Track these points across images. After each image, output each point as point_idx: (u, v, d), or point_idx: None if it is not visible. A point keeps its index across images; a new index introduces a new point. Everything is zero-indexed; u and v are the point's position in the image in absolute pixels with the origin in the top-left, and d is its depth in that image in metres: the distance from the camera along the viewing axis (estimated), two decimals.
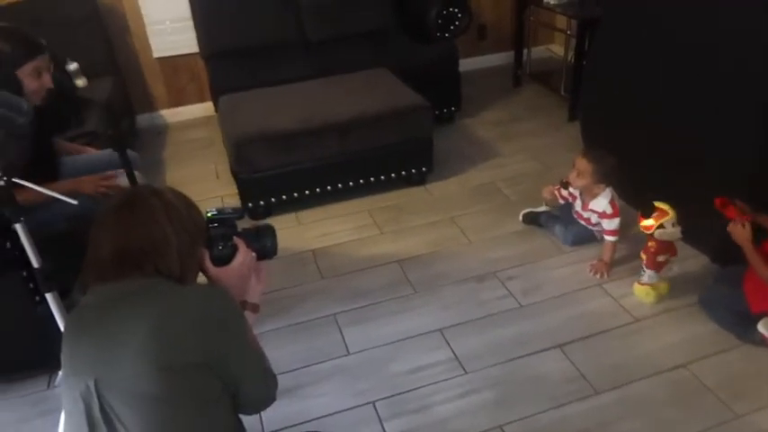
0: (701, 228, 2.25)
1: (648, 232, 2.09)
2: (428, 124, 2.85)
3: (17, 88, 1.80)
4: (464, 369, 1.96)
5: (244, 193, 2.76)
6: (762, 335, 1.94)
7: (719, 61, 2.15)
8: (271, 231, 1.40)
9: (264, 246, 1.38)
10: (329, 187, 2.82)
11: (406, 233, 2.65)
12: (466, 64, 3.91)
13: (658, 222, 2.06)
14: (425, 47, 3.43)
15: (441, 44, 3.44)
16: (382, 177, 2.89)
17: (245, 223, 1.38)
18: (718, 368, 1.91)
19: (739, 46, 2.05)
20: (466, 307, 2.21)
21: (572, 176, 2.37)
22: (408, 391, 1.90)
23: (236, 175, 2.75)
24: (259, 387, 1.22)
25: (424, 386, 1.91)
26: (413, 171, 2.94)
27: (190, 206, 1.22)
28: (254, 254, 1.36)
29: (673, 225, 2.05)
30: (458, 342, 2.06)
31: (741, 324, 1.99)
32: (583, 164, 2.32)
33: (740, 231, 1.91)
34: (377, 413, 1.84)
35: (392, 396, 1.89)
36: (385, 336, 2.11)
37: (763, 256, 1.88)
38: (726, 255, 2.20)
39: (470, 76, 4.00)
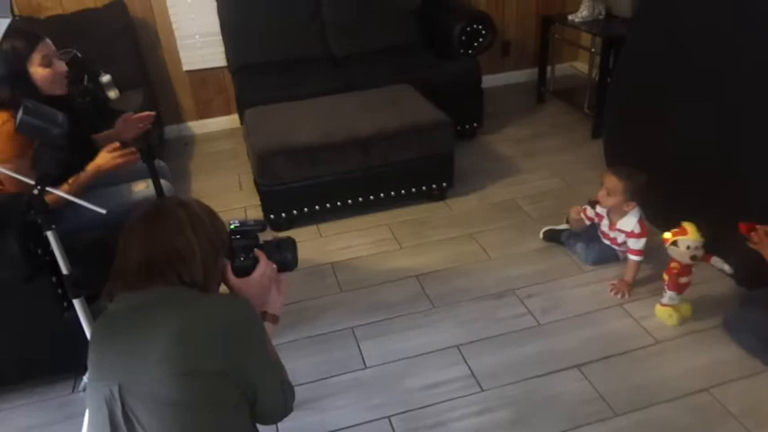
0: (727, 249, 2.22)
1: (666, 245, 2.07)
2: (449, 140, 2.86)
3: (32, 86, 1.86)
4: (481, 387, 1.95)
5: (266, 205, 2.80)
6: None
7: (745, 81, 2.14)
8: (291, 244, 1.42)
9: (285, 258, 1.41)
10: (350, 201, 2.84)
11: (425, 248, 2.65)
12: (489, 80, 3.93)
13: (673, 238, 2.04)
14: (449, 63, 3.44)
15: (464, 60, 3.46)
16: (403, 192, 2.90)
17: (267, 235, 1.41)
18: (742, 394, 1.87)
19: (765, 65, 2.04)
20: (484, 324, 2.21)
21: (601, 195, 2.34)
22: (424, 407, 1.89)
23: (259, 186, 2.79)
24: (277, 397, 1.24)
25: (440, 402, 1.91)
26: (433, 186, 2.95)
27: (214, 218, 1.26)
28: (274, 266, 1.39)
29: (687, 247, 2.02)
30: (475, 359, 2.06)
31: (767, 350, 1.96)
32: (613, 181, 2.30)
33: (767, 245, 1.88)
34: (392, 428, 1.84)
35: (408, 411, 1.89)
36: (402, 350, 2.11)
37: None
38: (752, 278, 2.17)
39: (493, 92, 4.01)
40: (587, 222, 2.50)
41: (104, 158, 1.98)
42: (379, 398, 1.94)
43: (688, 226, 2.05)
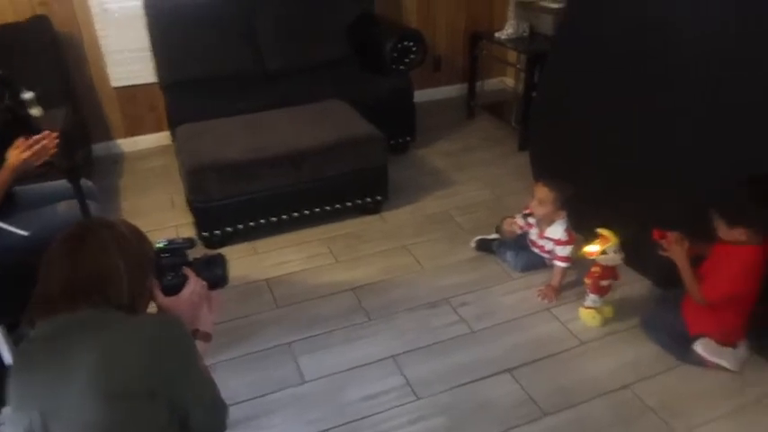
0: (644, 253, 2.36)
1: (592, 258, 2.18)
2: (382, 154, 2.91)
3: None
4: (416, 395, 1.99)
5: (199, 223, 2.76)
6: (699, 355, 2.04)
7: (662, 94, 2.30)
8: (221, 261, 1.42)
9: (215, 275, 1.41)
10: (285, 216, 2.84)
11: (361, 261, 2.68)
12: (421, 95, 4.02)
13: (602, 248, 2.15)
14: (381, 78, 3.50)
15: (396, 76, 3.53)
16: (338, 206, 2.92)
17: (200, 252, 1.41)
18: (659, 388, 1.99)
19: (685, 79, 2.19)
20: (419, 333, 2.25)
21: (533, 205, 2.44)
22: (361, 419, 1.91)
23: (191, 204, 2.75)
24: (209, 416, 1.23)
25: (377, 413, 1.93)
26: (368, 200, 2.98)
27: (140, 237, 1.25)
28: (204, 283, 1.39)
29: (615, 251, 2.14)
30: (410, 368, 2.09)
31: (680, 346, 2.08)
32: (544, 192, 2.39)
33: (678, 251, 2.01)
34: None
35: (345, 424, 1.90)
36: (339, 364, 2.12)
37: (696, 278, 1.99)
38: (667, 279, 2.31)
39: (425, 107, 4.11)
40: (518, 231, 2.60)
41: (11, 156, 1.90)
42: (317, 412, 1.95)
43: (606, 233, 2.16)
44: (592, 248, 2.17)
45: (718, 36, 2.03)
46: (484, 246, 2.71)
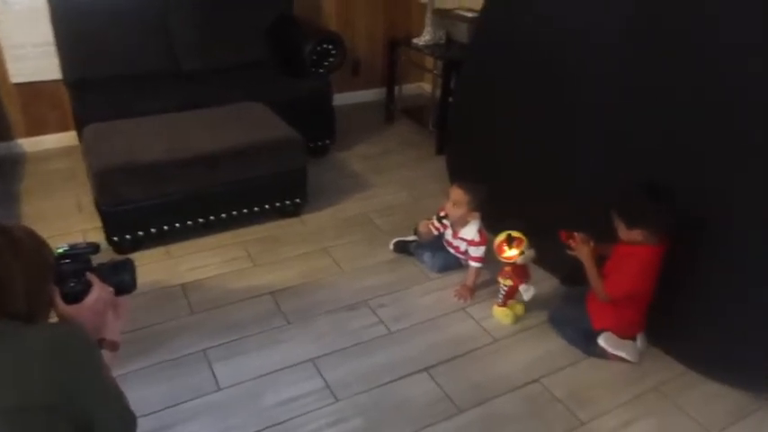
0: (553, 253, 2.47)
1: (511, 261, 2.25)
2: (301, 157, 2.90)
3: None
4: (335, 397, 1.99)
5: (109, 227, 2.63)
6: (602, 348, 2.16)
7: (568, 101, 2.42)
8: (129, 265, 1.37)
9: (122, 280, 1.35)
10: (201, 220, 2.77)
11: (279, 265, 2.65)
12: (340, 98, 4.02)
13: (520, 250, 2.24)
14: (300, 81, 3.48)
15: (315, 79, 3.52)
16: (256, 209, 2.88)
17: (110, 258, 1.34)
18: (566, 381, 2.09)
19: (589, 88, 2.31)
20: (338, 336, 2.25)
21: (448, 206, 2.49)
22: (279, 424, 1.89)
23: (100, 208, 2.62)
24: (116, 428, 1.18)
25: (297, 417, 1.91)
26: (287, 202, 2.96)
27: (39, 243, 1.18)
28: (111, 289, 1.33)
29: (527, 249, 2.24)
30: (329, 371, 2.09)
31: (585, 339, 2.20)
32: (459, 194, 2.45)
33: (585, 251, 2.12)
34: None
35: (263, 429, 1.87)
36: (257, 368, 2.09)
37: (600, 276, 2.11)
38: (572, 277, 2.43)
39: (345, 110, 4.12)
40: (435, 233, 2.65)
41: None
42: (234, 419, 1.91)
43: (516, 234, 2.25)
44: (510, 253, 2.24)
45: (621, 46, 2.16)
46: (402, 247, 2.75)
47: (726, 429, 1.93)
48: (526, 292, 2.28)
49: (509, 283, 2.30)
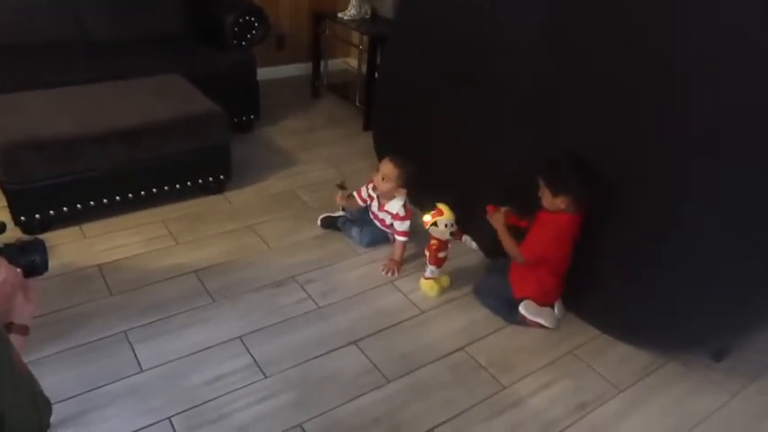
0: (477, 226, 2.53)
1: (426, 227, 2.30)
2: (224, 132, 2.82)
3: None
4: (264, 374, 1.98)
5: (15, 206, 2.46)
6: (522, 316, 2.25)
7: (492, 75, 2.45)
8: (39, 246, 1.28)
9: (32, 261, 1.27)
10: (118, 197, 2.64)
11: (203, 243, 2.59)
12: (264, 73, 3.92)
13: (434, 219, 2.28)
14: (223, 54, 3.38)
15: (238, 52, 3.42)
16: (177, 186, 2.78)
17: (15, 238, 1.26)
18: (489, 348, 2.17)
19: (510, 61, 2.35)
20: (266, 313, 2.23)
21: (377, 179, 2.51)
22: (206, 402, 1.86)
23: (3, 186, 2.45)
24: (28, 416, 1.11)
25: (224, 395, 1.89)
26: (210, 179, 2.88)
27: None
28: (19, 271, 1.24)
29: (446, 225, 2.28)
30: (258, 348, 2.07)
31: (507, 308, 2.28)
32: (389, 167, 2.47)
33: (496, 217, 2.22)
34: (173, 428, 1.77)
35: (190, 409, 1.83)
36: (182, 348, 2.04)
37: (513, 240, 2.19)
38: (495, 250, 2.50)
39: (269, 85, 4.03)
40: (362, 204, 2.65)
41: None
42: (158, 400, 1.86)
43: (443, 207, 2.29)
44: (426, 218, 2.30)
45: (546, 18, 2.21)
46: (330, 223, 2.74)
47: (633, 385, 2.07)
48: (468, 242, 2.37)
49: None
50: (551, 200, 2.10)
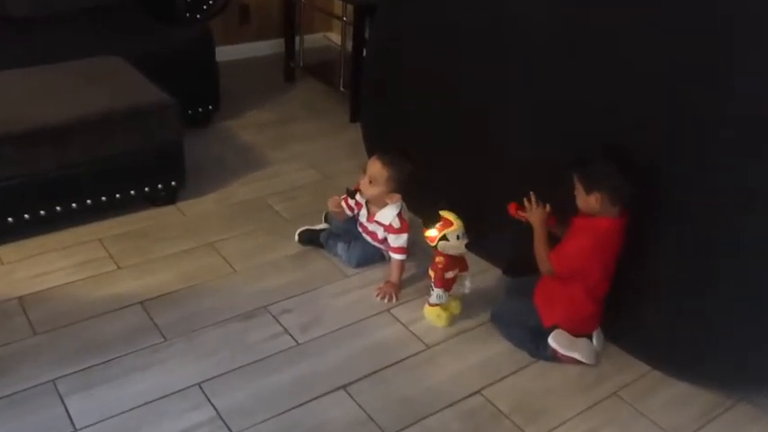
0: (492, 238, 2.53)
1: (432, 244, 2.29)
2: (176, 127, 2.83)
3: None
4: (230, 429, 1.96)
5: None
6: (552, 349, 2.24)
7: (504, 50, 2.46)
8: None
9: None
10: (43, 212, 2.64)
11: (152, 266, 2.58)
12: (225, 53, 3.93)
13: (441, 233, 2.27)
14: (172, 29, 3.40)
15: (192, 27, 3.44)
16: (118, 196, 2.78)
17: None
18: (512, 390, 2.16)
19: (533, 30, 2.35)
20: (231, 352, 2.22)
21: (363, 183, 2.50)
22: None
23: None
24: None
25: None
26: (159, 187, 2.88)
27: None
28: None
29: (458, 237, 2.27)
30: (222, 396, 2.06)
31: (533, 340, 2.27)
32: (377, 168, 2.46)
33: (537, 212, 2.19)
34: None
35: None
36: (126, 400, 2.02)
37: (547, 246, 2.17)
38: (517, 266, 2.50)
39: (232, 67, 4.03)
40: (349, 213, 2.65)
41: None
42: None
43: (449, 216, 2.29)
44: (431, 233, 2.29)
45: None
46: (310, 238, 2.74)
47: None
48: (462, 282, 2.32)
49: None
50: (585, 198, 2.10)
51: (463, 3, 2.57)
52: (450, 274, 2.35)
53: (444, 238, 2.28)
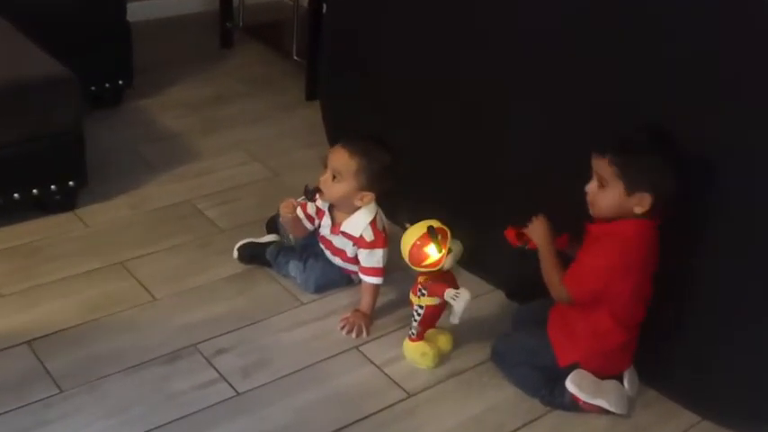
0: (493, 252, 2.54)
1: (437, 268, 2.28)
2: (74, 109, 2.83)
3: None
4: None
5: None
6: (572, 395, 2.26)
7: (503, 20, 2.49)
8: None
9: None
10: None
11: (43, 293, 2.58)
12: (140, 9, 3.95)
13: (447, 248, 2.27)
14: None
15: None
16: None
17: None
18: None
19: None
20: (149, 407, 2.22)
21: (324, 179, 2.50)
22: None
23: None
24: None
25: None
26: (52, 188, 2.88)
27: None
28: None
29: (454, 243, 2.29)
30: None
31: (547, 384, 2.29)
32: (342, 158, 2.46)
33: (540, 228, 2.22)
34: None
35: None
36: None
37: (559, 267, 2.20)
38: (524, 288, 2.52)
39: (149, 29, 4.05)
40: (309, 226, 2.66)
41: None
42: None
43: (439, 226, 2.29)
44: (434, 255, 2.27)
45: None
46: (253, 254, 2.75)
47: None
48: (455, 300, 2.33)
49: (428, 301, 2.35)
50: (620, 199, 2.09)
51: None
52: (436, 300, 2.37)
53: (450, 251, 2.29)
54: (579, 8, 2.28)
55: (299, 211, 2.62)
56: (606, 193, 2.11)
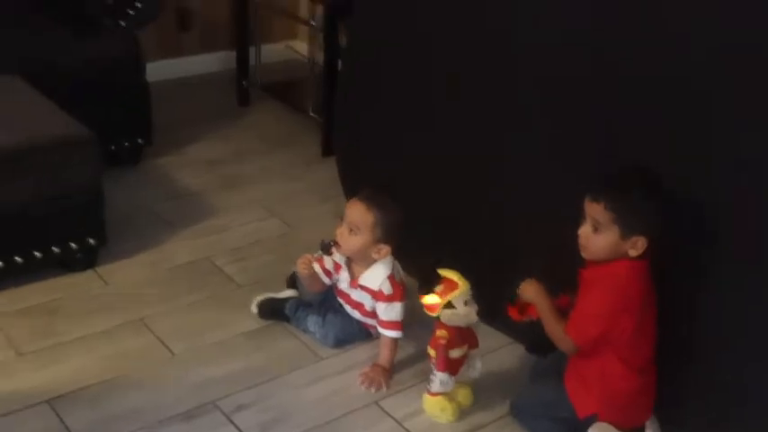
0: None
1: (433, 314, 2.31)
2: (93, 168, 2.86)
3: None
4: None
5: None
6: None
7: (512, 67, 2.52)
8: None
9: None
10: None
11: (63, 352, 2.58)
12: (160, 69, 4.00)
13: (446, 299, 2.29)
14: (88, 40, 3.45)
15: (114, 37, 3.50)
16: (18, 260, 2.80)
17: None
18: None
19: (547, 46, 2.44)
20: None
21: (341, 232, 2.52)
22: None
23: None
24: None
25: None
26: (72, 247, 2.89)
27: None
28: None
29: (465, 303, 2.29)
30: None
31: None
32: (359, 212, 2.48)
33: (531, 287, 2.25)
34: None
35: None
36: None
37: (557, 318, 2.22)
38: (545, 341, 2.51)
39: (167, 88, 4.09)
40: (326, 281, 2.67)
41: None
42: None
43: (452, 275, 2.30)
44: (430, 299, 2.30)
45: None
46: (272, 310, 2.76)
47: None
48: (472, 363, 2.34)
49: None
50: (615, 244, 2.11)
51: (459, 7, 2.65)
52: (456, 353, 2.36)
53: (449, 305, 2.29)
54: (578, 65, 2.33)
55: (316, 266, 2.62)
56: (600, 237, 2.13)
